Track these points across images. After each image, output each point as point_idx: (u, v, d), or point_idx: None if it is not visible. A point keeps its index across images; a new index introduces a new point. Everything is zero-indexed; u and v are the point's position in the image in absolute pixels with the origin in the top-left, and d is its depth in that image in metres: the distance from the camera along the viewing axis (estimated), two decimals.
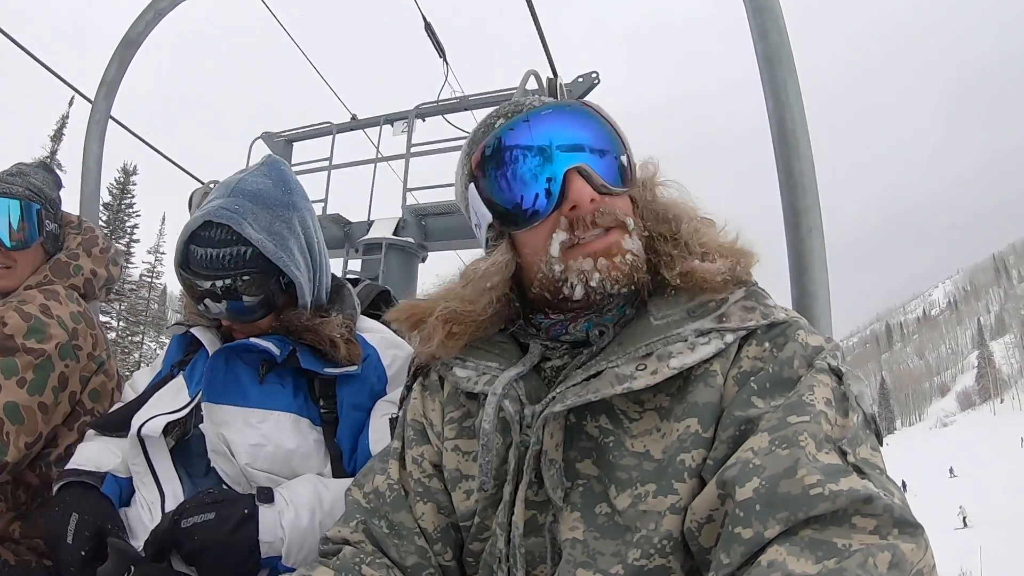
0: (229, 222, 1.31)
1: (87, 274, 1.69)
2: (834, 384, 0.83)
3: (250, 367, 1.40)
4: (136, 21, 2.56)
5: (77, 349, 1.52)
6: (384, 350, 1.48)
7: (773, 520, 0.70)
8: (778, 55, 1.35)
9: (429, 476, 1.05)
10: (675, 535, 0.82)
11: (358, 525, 1.03)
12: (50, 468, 1.52)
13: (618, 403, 0.92)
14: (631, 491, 0.86)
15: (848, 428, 0.78)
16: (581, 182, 0.92)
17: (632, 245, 0.94)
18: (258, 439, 1.32)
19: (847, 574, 0.63)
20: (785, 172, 1.33)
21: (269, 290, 1.38)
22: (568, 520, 0.90)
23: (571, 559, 0.87)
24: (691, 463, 0.84)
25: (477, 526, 0.98)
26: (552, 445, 0.92)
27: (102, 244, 1.78)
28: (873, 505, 0.69)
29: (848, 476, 0.71)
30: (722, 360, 0.89)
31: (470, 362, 1.03)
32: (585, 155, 0.94)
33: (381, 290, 1.82)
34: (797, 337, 0.88)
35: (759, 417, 0.81)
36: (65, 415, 1.53)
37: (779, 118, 1.34)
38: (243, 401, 1.36)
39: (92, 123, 2.69)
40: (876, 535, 0.67)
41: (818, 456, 0.74)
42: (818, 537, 0.68)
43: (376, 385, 1.44)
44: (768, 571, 0.66)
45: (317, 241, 1.49)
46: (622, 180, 0.96)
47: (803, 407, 0.79)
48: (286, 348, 1.38)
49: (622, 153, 0.97)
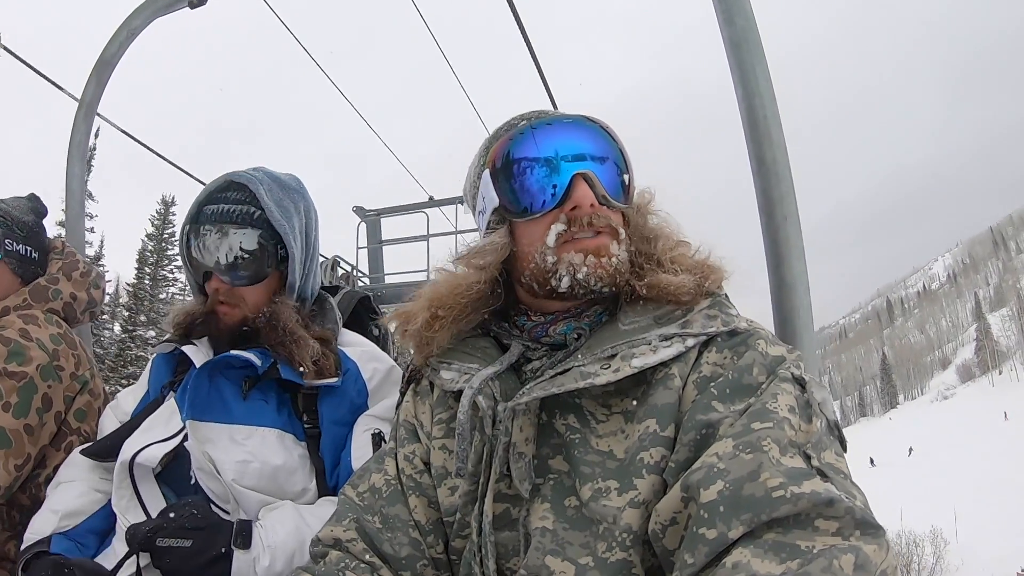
0: (248, 183, 1.43)
1: (67, 298, 1.69)
2: (797, 392, 0.86)
3: (233, 383, 1.40)
4: (110, 41, 2.54)
5: (59, 370, 1.52)
6: (364, 364, 1.48)
7: (736, 521, 0.71)
8: (745, 40, 1.32)
9: (420, 472, 1.12)
10: (634, 529, 0.86)
11: (350, 523, 1.07)
12: (40, 489, 1.53)
13: (587, 405, 0.97)
14: (591, 484, 0.91)
15: (812, 433, 0.81)
16: (585, 187, 1.02)
17: (619, 251, 1.03)
18: (244, 456, 1.31)
19: None
20: (757, 160, 1.31)
21: (265, 253, 1.44)
22: (538, 511, 0.94)
23: (540, 547, 0.91)
24: (649, 460, 0.88)
25: (459, 523, 1.03)
26: (521, 439, 0.97)
27: (83, 268, 1.78)
28: (835, 507, 0.70)
29: (811, 479, 0.73)
30: (681, 365, 0.94)
31: (455, 364, 1.10)
32: (591, 164, 1.04)
33: (361, 296, 1.81)
34: (757, 346, 0.93)
35: (719, 421, 0.84)
36: (51, 435, 1.53)
37: (749, 105, 1.32)
38: (227, 418, 1.36)
39: (73, 145, 2.67)
40: (839, 536, 0.69)
41: (782, 460, 0.76)
42: (782, 539, 0.69)
43: (356, 399, 1.44)
44: (733, 572, 0.68)
45: (315, 237, 1.57)
46: (623, 195, 1.06)
47: (767, 414, 0.82)
48: (267, 360, 1.39)
49: (625, 172, 1.07)
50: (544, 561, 0.89)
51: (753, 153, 1.32)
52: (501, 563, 0.97)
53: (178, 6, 2.28)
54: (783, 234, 1.28)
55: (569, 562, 0.88)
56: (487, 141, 1.17)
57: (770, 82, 1.34)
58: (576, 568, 0.87)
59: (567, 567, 0.87)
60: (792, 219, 1.28)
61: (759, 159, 1.31)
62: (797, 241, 1.28)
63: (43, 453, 1.52)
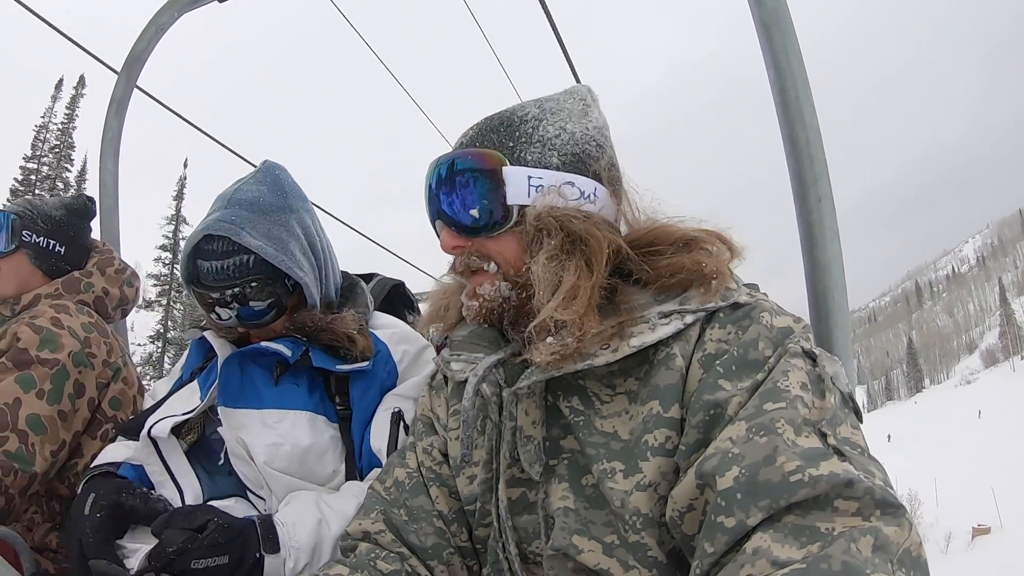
0: (227, 233, 1.34)
1: (98, 292, 1.74)
2: (808, 367, 0.84)
3: (265, 370, 1.43)
4: (139, 38, 2.58)
5: (91, 356, 1.56)
6: (395, 345, 1.49)
7: (755, 508, 0.71)
8: (776, 20, 1.30)
9: (439, 463, 1.14)
10: (643, 512, 0.86)
11: (378, 515, 1.10)
12: (78, 478, 1.56)
13: (591, 386, 0.97)
14: (598, 465, 0.91)
15: (826, 409, 0.79)
16: (444, 233, 1.06)
17: (490, 290, 1.02)
18: (275, 439, 1.34)
19: (832, 560, 0.63)
20: (791, 142, 1.29)
21: (276, 293, 1.42)
22: (558, 491, 0.94)
23: (565, 526, 0.91)
24: (654, 442, 0.87)
25: (480, 511, 1.05)
26: (528, 422, 0.98)
27: (118, 265, 1.83)
28: (854, 488, 0.69)
29: (828, 460, 0.72)
30: (682, 343, 0.91)
31: (463, 355, 1.11)
32: (443, 209, 1.04)
33: (395, 284, 1.83)
34: (761, 319, 0.90)
35: (727, 400, 0.82)
36: (85, 421, 1.57)
37: (781, 87, 1.30)
38: (259, 403, 1.39)
39: (105, 141, 2.73)
40: (858, 517, 0.68)
41: (797, 440, 0.74)
42: (801, 523, 0.68)
43: (387, 381, 1.46)
44: (753, 558, 0.67)
45: (320, 239, 1.52)
46: (487, 222, 1.01)
47: (778, 394, 0.80)
48: (299, 349, 1.41)
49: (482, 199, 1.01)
50: (572, 540, 0.89)
51: (786, 135, 1.30)
52: (523, 547, 0.98)
53: (205, 1, 2.31)
54: (817, 216, 1.27)
55: (596, 541, 0.88)
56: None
57: (802, 63, 1.32)
58: (603, 546, 0.88)
59: (594, 545, 0.88)
60: (826, 200, 1.27)
61: (792, 141, 1.29)
62: (831, 222, 1.26)
63: (78, 441, 1.56)
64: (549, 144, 1.02)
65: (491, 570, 1.03)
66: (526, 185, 0.99)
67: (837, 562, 0.62)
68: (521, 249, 1.01)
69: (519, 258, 1.01)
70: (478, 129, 1.06)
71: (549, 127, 1.03)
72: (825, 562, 0.63)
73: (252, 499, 1.39)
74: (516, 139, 1.02)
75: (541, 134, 1.02)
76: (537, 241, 0.98)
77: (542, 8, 3.16)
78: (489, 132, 1.04)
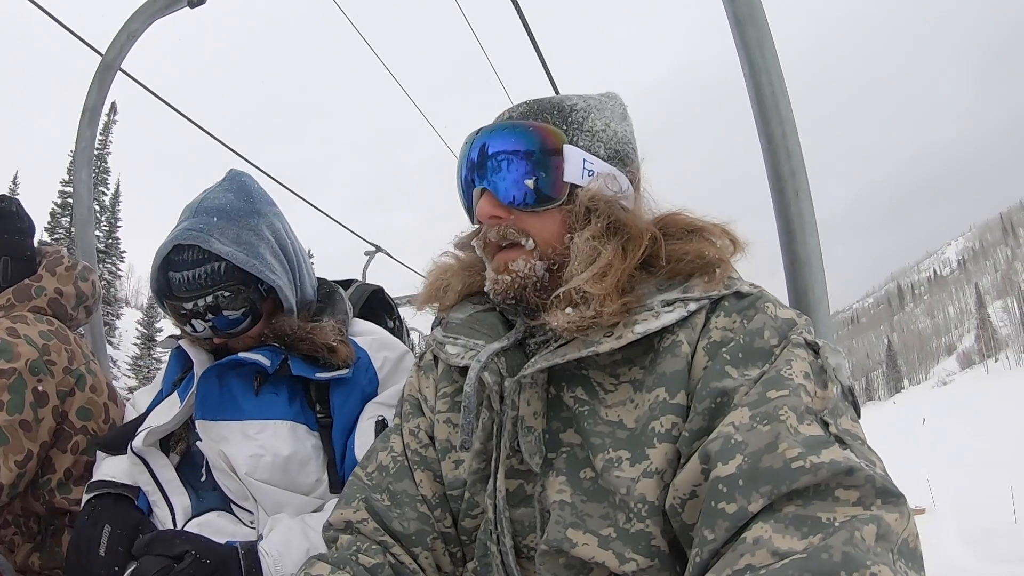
0: (196, 241, 1.33)
1: (51, 293, 1.65)
2: (811, 358, 0.85)
3: (244, 380, 1.41)
4: (111, 45, 2.54)
5: (50, 364, 1.51)
6: (375, 352, 1.48)
7: (756, 494, 0.71)
8: (750, 16, 1.30)
9: (425, 446, 1.11)
10: (649, 499, 0.85)
11: (359, 504, 1.07)
12: (52, 495, 1.52)
13: (594, 376, 0.97)
14: (603, 455, 0.90)
15: (828, 399, 0.80)
16: (482, 200, 1.03)
17: (523, 266, 1.01)
18: (255, 450, 1.32)
19: (833, 551, 0.62)
20: (767, 137, 1.29)
21: (250, 299, 1.39)
22: (554, 484, 0.93)
23: (560, 520, 0.90)
24: (660, 429, 0.87)
25: (468, 502, 1.02)
26: (529, 413, 0.97)
27: (67, 263, 1.75)
28: (855, 476, 0.69)
29: (830, 447, 0.72)
30: (688, 331, 0.92)
31: (460, 340, 1.09)
32: (490, 176, 1.02)
33: (374, 289, 1.81)
34: (766, 309, 0.91)
35: (734, 389, 0.83)
36: (52, 431, 1.52)
37: (755, 82, 1.29)
38: (239, 415, 1.37)
39: (78, 151, 2.67)
40: (859, 506, 0.68)
41: (799, 428, 0.75)
42: (802, 513, 0.68)
43: (367, 388, 1.44)
44: (754, 547, 0.67)
45: (291, 242, 1.50)
46: (535, 196, 1.00)
47: (782, 381, 0.80)
48: (277, 358, 1.38)
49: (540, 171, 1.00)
50: (566, 534, 0.88)
51: (762, 130, 1.29)
52: (518, 540, 0.96)
53: (177, 6, 2.28)
54: (795, 210, 1.26)
55: (591, 534, 0.87)
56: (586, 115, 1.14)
57: (776, 58, 1.31)
58: (599, 539, 0.86)
59: (589, 539, 0.87)
60: (804, 195, 1.26)
61: (768, 136, 1.29)
62: (810, 217, 1.26)
63: (48, 455, 1.52)
64: (597, 136, 1.04)
65: (478, 564, 1.00)
66: (581, 167, 1.01)
67: (838, 552, 0.62)
68: (563, 229, 1.01)
69: (558, 238, 1.02)
70: (529, 107, 1.06)
71: (596, 120, 1.05)
72: (826, 552, 0.62)
73: (237, 512, 1.36)
74: (569, 124, 1.04)
75: (590, 125, 1.04)
76: (584, 220, 0.99)
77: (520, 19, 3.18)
78: (542, 112, 1.05)
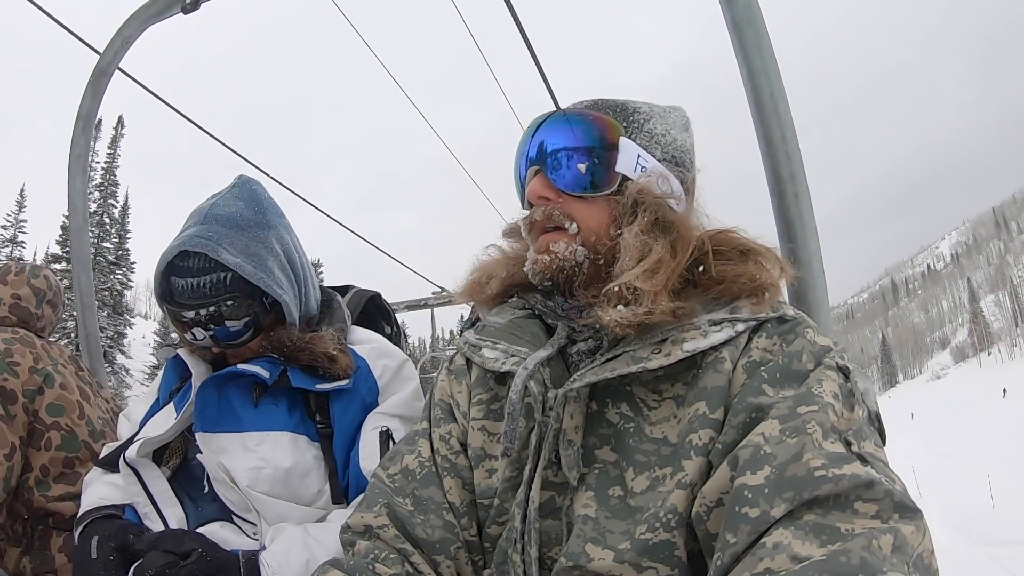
0: (204, 250, 1.30)
1: (9, 300, 1.79)
2: (841, 381, 0.87)
3: (243, 391, 1.39)
4: (105, 51, 2.53)
5: (14, 365, 1.61)
6: (374, 361, 1.46)
7: (779, 499, 0.72)
8: (748, 18, 1.30)
9: (456, 453, 1.09)
10: (679, 510, 0.85)
11: (381, 508, 1.05)
12: (32, 492, 1.58)
13: (638, 392, 0.97)
14: (649, 474, 0.91)
15: (853, 421, 0.82)
16: (534, 181, 1.06)
17: (564, 249, 1.04)
18: (256, 462, 1.31)
19: (851, 555, 0.64)
20: (765, 139, 1.29)
21: (254, 312, 1.38)
22: (581, 499, 0.94)
23: (581, 534, 0.90)
24: (698, 442, 0.88)
25: (497, 509, 1.01)
26: (571, 426, 0.97)
27: (16, 268, 1.88)
28: (874, 490, 0.71)
29: (851, 463, 0.74)
30: (731, 348, 0.94)
31: (500, 344, 1.09)
32: (547, 158, 1.05)
33: (371, 295, 1.80)
34: (806, 335, 0.93)
35: (769, 406, 0.85)
36: (26, 426, 1.60)
37: (754, 85, 1.29)
38: (239, 426, 1.35)
39: (72, 158, 2.66)
40: (877, 519, 0.70)
41: (823, 444, 0.77)
42: (821, 522, 0.70)
43: (367, 397, 1.42)
44: (773, 552, 0.68)
45: (299, 256, 1.48)
46: (590, 183, 1.04)
47: (812, 398, 0.83)
48: (276, 370, 1.37)
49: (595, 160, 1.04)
50: (584, 548, 0.89)
51: (761, 133, 1.30)
52: (543, 551, 0.96)
53: (170, 12, 2.26)
54: (795, 213, 1.26)
55: (609, 549, 0.87)
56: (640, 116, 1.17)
57: (775, 60, 1.32)
58: (615, 554, 0.87)
59: (606, 554, 0.87)
60: (804, 197, 1.26)
61: (767, 139, 1.29)
62: (810, 219, 1.26)
63: (25, 455, 1.58)
64: (656, 138, 1.07)
65: (496, 571, 0.99)
66: (634, 161, 1.04)
67: (856, 557, 0.64)
68: (608, 219, 1.04)
69: (603, 227, 1.04)
70: (594, 102, 1.10)
71: (657, 124, 1.09)
72: (844, 555, 0.64)
73: (239, 523, 1.35)
74: (629, 122, 1.07)
75: (650, 127, 1.08)
76: (631, 213, 1.01)
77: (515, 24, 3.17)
78: (606, 107, 1.08)
